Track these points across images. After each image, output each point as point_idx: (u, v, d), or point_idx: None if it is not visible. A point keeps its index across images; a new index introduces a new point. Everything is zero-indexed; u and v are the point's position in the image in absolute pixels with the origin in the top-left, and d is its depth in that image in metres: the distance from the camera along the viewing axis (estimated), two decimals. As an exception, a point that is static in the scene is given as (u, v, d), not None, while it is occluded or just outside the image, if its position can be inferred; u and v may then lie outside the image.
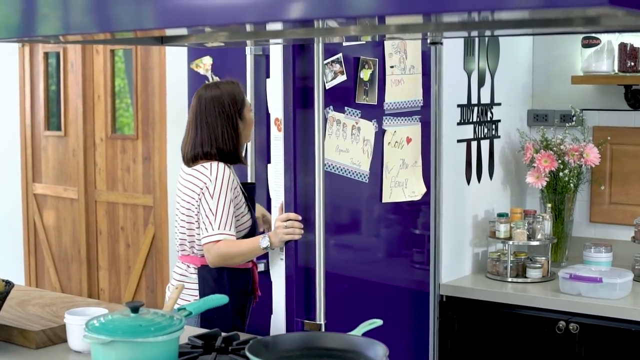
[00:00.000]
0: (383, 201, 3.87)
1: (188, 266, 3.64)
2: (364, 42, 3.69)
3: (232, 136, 3.59)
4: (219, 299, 2.79)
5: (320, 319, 3.52)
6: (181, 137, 4.86)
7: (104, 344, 2.27)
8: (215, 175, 3.53)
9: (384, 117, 3.83)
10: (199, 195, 3.54)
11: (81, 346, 2.68)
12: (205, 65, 4.36)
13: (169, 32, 2.62)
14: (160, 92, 5.61)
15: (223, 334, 2.67)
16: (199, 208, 3.54)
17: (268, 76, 4.11)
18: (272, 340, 2.39)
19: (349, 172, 3.71)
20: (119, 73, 6.15)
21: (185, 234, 3.62)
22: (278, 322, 3.60)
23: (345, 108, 3.69)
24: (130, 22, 2.16)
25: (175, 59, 5.31)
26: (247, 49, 4.09)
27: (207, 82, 3.83)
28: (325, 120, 3.53)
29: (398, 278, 4.04)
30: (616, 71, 4.26)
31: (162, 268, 5.69)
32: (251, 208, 3.69)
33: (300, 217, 3.50)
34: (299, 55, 3.53)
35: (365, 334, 2.44)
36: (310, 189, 3.53)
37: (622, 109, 4.39)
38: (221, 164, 3.57)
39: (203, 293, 3.53)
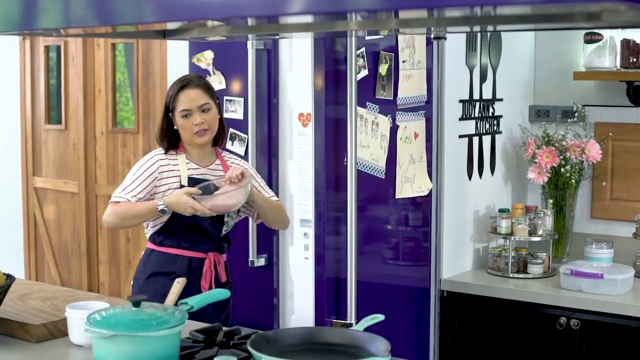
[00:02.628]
0: (396, 197, 3.87)
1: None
2: (382, 36, 3.68)
3: (160, 128, 3.65)
4: (221, 293, 2.79)
5: (352, 317, 3.52)
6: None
7: (105, 338, 2.27)
8: (144, 157, 3.65)
9: (397, 112, 3.83)
10: None
11: (82, 340, 2.67)
12: (206, 59, 4.36)
13: (170, 25, 2.61)
14: (162, 86, 5.60)
15: (224, 328, 2.66)
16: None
17: (269, 70, 4.11)
18: (273, 334, 2.39)
19: (369, 168, 3.70)
20: (119, 67, 6.13)
21: None
22: (302, 322, 3.60)
23: (367, 103, 3.68)
24: (131, 15, 2.16)
25: (177, 52, 5.30)
26: (249, 43, 4.08)
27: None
28: (356, 116, 3.53)
29: (399, 274, 4.03)
30: (618, 67, 4.25)
31: (163, 262, 5.69)
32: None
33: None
34: (329, 49, 3.54)
35: (367, 329, 2.44)
36: (341, 186, 3.53)
37: (624, 105, 4.39)
38: (157, 150, 3.66)
39: (137, 269, 3.70)
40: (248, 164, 3.80)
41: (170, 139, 3.66)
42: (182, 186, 3.56)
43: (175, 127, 3.63)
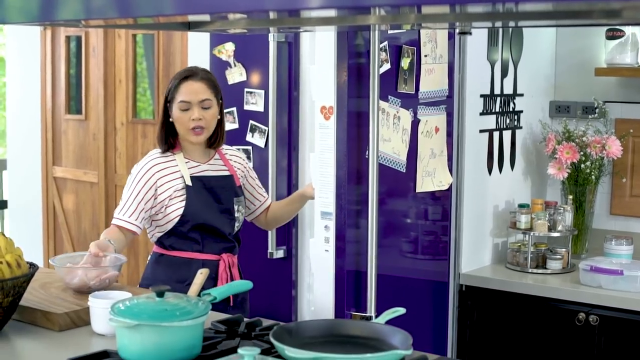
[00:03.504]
0: (417, 191, 3.87)
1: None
2: (404, 31, 3.68)
3: (161, 124, 3.52)
4: (244, 285, 2.80)
5: (371, 310, 3.53)
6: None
7: (129, 328, 2.29)
8: (137, 166, 3.51)
9: (419, 107, 3.83)
10: None
11: (105, 329, 2.69)
12: (227, 51, 4.37)
13: (191, 18, 2.62)
14: (182, 78, 5.62)
15: (246, 319, 2.68)
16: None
17: (290, 63, 4.12)
18: (295, 326, 2.40)
19: (390, 162, 3.71)
20: (137, 58, 6.15)
21: None
22: (322, 314, 3.61)
23: (389, 97, 3.68)
24: (152, 7, 2.17)
25: (198, 44, 5.31)
26: (270, 36, 4.09)
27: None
28: (378, 109, 3.53)
29: (419, 267, 4.04)
30: (640, 64, 4.25)
31: (181, 253, 5.71)
32: (207, 196, 3.50)
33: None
34: (352, 42, 3.54)
35: (387, 322, 2.45)
36: (363, 179, 3.54)
37: (645, 102, 4.38)
38: (150, 157, 3.51)
39: (142, 275, 3.55)
40: (246, 157, 3.75)
41: (168, 138, 3.52)
42: (187, 187, 3.44)
43: (170, 120, 3.49)
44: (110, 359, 2.41)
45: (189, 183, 3.45)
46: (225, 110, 4.46)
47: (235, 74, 4.33)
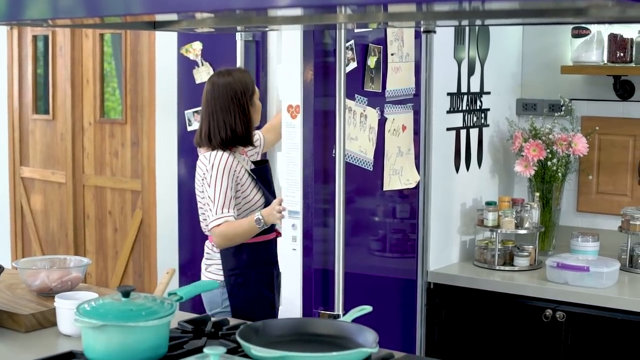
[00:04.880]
0: (384, 189, 3.88)
1: (213, 245, 3.80)
2: (371, 29, 3.69)
3: (244, 121, 3.75)
4: (209, 284, 2.80)
5: (339, 309, 3.53)
6: (170, 122, 4.85)
7: (94, 328, 2.28)
8: (212, 164, 3.69)
9: (386, 105, 3.84)
10: (202, 184, 3.73)
11: (71, 330, 2.68)
12: (195, 50, 4.37)
13: (159, 17, 2.62)
14: (150, 77, 5.60)
15: (213, 318, 2.68)
16: (203, 196, 3.74)
17: (258, 62, 4.12)
18: (262, 325, 2.40)
19: (357, 160, 3.71)
20: (105, 57, 6.13)
21: (202, 215, 3.82)
22: (289, 313, 3.61)
23: (356, 95, 3.69)
24: (119, 6, 2.17)
25: (165, 43, 5.30)
26: (238, 35, 4.09)
27: (220, 69, 3.92)
28: (344, 108, 3.53)
29: (387, 265, 4.05)
30: (605, 62, 4.27)
31: (150, 253, 5.69)
32: (264, 186, 3.83)
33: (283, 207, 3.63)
34: (319, 41, 3.54)
35: (354, 321, 2.45)
36: (330, 178, 3.54)
37: (610, 100, 4.41)
38: (220, 152, 3.72)
39: (226, 269, 3.75)
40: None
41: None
42: (254, 179, 3.76)
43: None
44: (76, 360, 2.40)
45: (253, 175, 3.76)
46: (193, 110, 4.48)
47: (203, 73, 4.33)
